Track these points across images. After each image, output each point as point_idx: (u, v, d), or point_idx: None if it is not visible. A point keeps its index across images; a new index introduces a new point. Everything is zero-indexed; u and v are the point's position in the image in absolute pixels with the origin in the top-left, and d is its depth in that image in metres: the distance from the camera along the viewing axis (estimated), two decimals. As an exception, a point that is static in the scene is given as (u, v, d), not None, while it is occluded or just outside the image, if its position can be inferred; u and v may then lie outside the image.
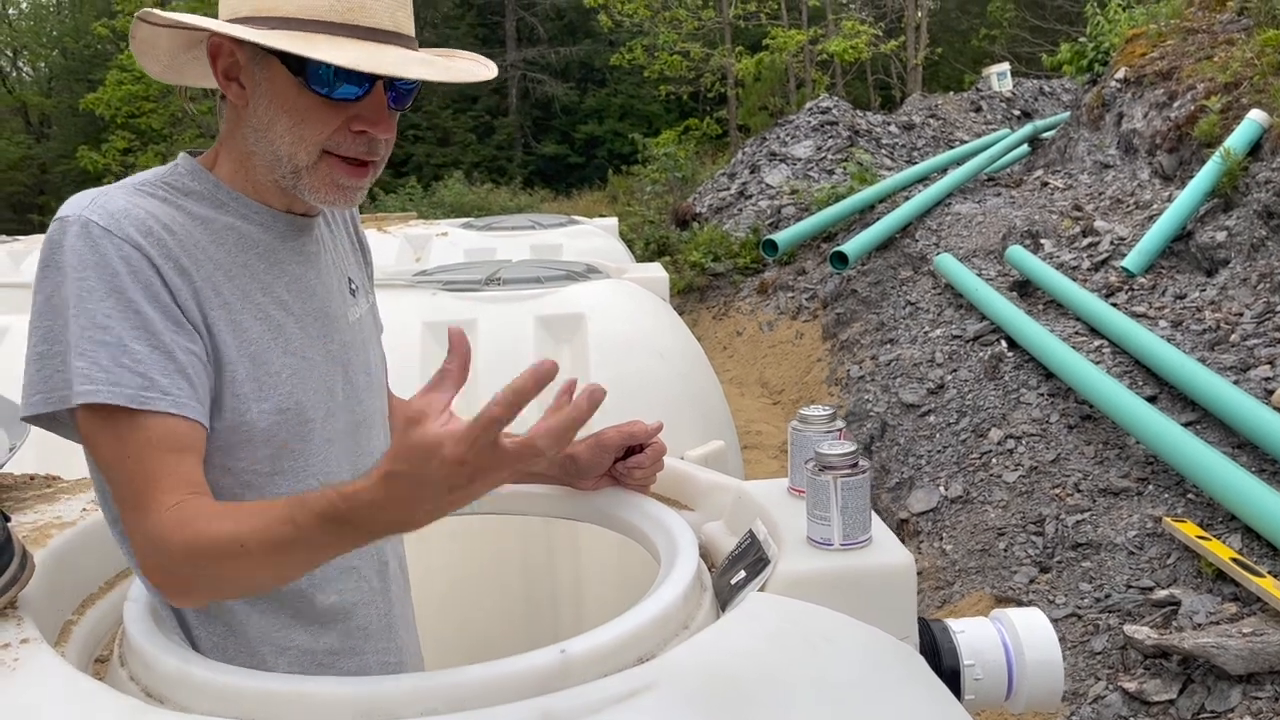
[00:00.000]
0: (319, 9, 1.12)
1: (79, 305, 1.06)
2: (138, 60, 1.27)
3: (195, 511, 1.04)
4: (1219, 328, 4.85)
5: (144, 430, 1.06)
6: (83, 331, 1.05)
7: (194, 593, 1.09)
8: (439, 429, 0.88)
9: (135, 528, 1.07)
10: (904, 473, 5.27)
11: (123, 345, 1.06)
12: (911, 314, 7.04)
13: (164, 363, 1.08)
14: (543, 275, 3.39)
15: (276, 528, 0.98)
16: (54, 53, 30.86)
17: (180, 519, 1.03)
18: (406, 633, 1.42)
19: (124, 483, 1.08)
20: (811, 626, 1.15)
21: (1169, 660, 3.22)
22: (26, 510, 1.52)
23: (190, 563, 1.03)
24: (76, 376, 1.05)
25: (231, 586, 1.09)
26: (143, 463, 1.06)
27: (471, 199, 18.78)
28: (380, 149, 1.20)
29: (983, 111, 15.06)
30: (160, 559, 1.05)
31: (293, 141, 1.15)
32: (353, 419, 1.30)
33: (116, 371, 1.05)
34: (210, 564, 1.02)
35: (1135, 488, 4.15)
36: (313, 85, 1.13)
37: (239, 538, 0.99)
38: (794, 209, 10.94)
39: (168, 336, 1.09)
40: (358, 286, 1.39)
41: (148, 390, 1.06)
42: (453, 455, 0.87)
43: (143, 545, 1.07)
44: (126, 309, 1.07)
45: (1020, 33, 24.72)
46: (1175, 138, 6.79)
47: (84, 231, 1.07)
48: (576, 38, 28.96)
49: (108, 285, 1.07)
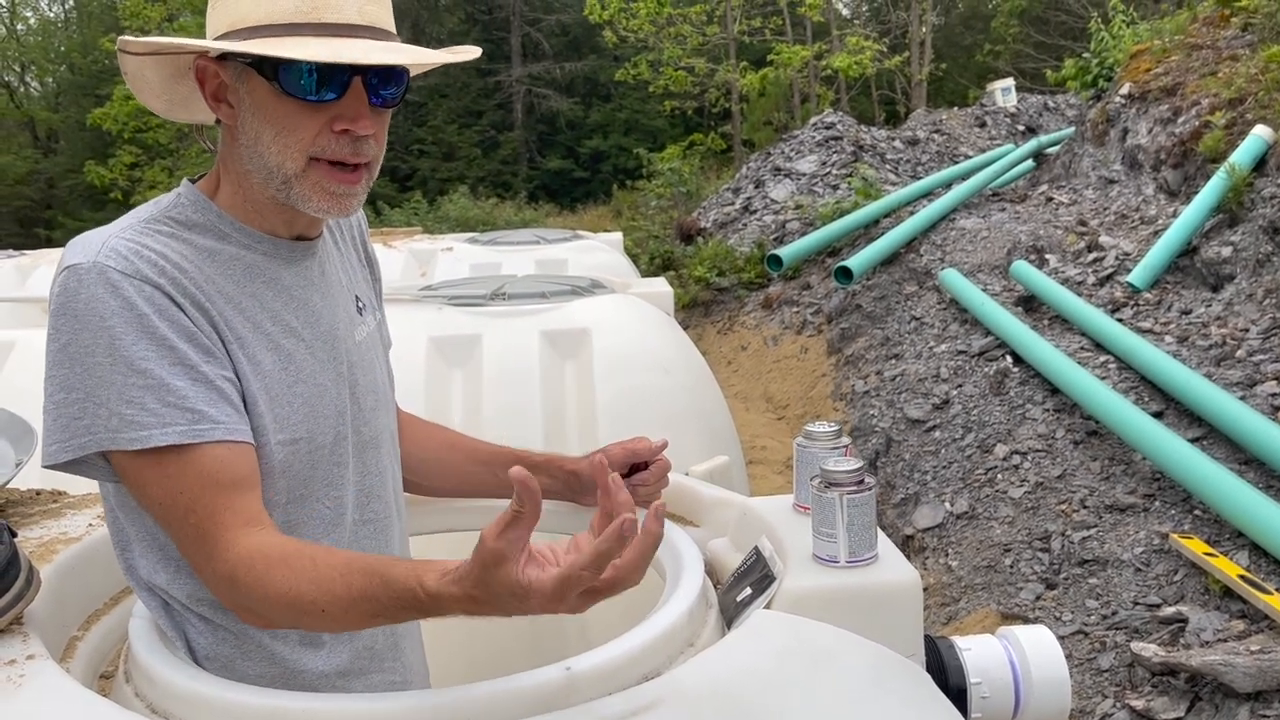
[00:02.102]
0: (284, 12, 1.12)
1: (112, 354, 1.06)
2: (139, 98, 1.27)
3: (268, 563, 1.04)
4: (1225, 343, 4.84)
5: (196, 465, 1.07)
6: (125, 379, 1.06)
7: (270, 625, 1.14)
8: (529, 577, 0.89)
9: (205, 564, 1.08)
10: (909, 488, 5.25)
11: (165, 385, 1.07)
12: (916, 329, 7.04)
13: (208, 393, 1.09)
14: (548, 290, 3.39)
15: (360, 603, 1.00)
16: (61, 68, 31.03)
17: (252, 567, 1.04)
18: (413, 652, 1.42)
19: (180, 521, 1.08)
20: (818, 644, 1.15)
21: (1176, 678, 3.20)
22: (33, 526, 1.52)
23: (267, 607, 1.05)
24: (125, 424, 1.05)
25: (305, 629, 1.14)
26: (200, 500, 1.07)
27: (476, 214, 18.80)
28: (367, 149, 1.18)
29: (987, 127, 15.07)
30: (237, 599, 1.07)
31: (279, 150, 1.15)
32: (360, 439, 1.30)
33: (164, 412, 1.06)
34: (288, 616, 1.05)
35: (1142, 504, 4.13)
36: (288, 90, 1.13)
37: (319, 604, 1.01)
38: (798, 224, 10.95)
39: (205, 367, 1.10)
40: (365, 304, 1.39)
41: (199, 424, 1.07)
42: (540, 607, 0.90)
43: (215, 584, 1.09)
44: (161, 347, 1.07)
45: (1024, 48, 24.76)
46: (1180, 153, 6.80)
47: (102, 278, 1.07)
48: (581, 53, 29.08)
49: (137, 328, 1.07)
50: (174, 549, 1.16)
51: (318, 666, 1.23)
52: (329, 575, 1.02)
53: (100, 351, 1.06)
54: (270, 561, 1.04)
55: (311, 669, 1.23)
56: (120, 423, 1.06)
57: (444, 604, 0.94)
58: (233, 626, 1.19)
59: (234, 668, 1.18)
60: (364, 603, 0.99)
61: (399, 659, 1.35)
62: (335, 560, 1.04)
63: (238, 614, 1.12)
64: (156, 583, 1.17)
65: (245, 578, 1.04)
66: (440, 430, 1.57)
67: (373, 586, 0.98)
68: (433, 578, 0.94)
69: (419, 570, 0.96)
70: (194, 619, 1.19)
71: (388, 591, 0.97)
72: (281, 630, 1.20)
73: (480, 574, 0.89)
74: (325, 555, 1.05)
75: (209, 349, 1.11)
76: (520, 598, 0.89)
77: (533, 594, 0.88)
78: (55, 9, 33.71)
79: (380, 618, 1.01)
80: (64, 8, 33.46)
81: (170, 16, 22.76)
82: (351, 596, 1.00)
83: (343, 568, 1.02)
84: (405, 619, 1.01)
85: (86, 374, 1.06)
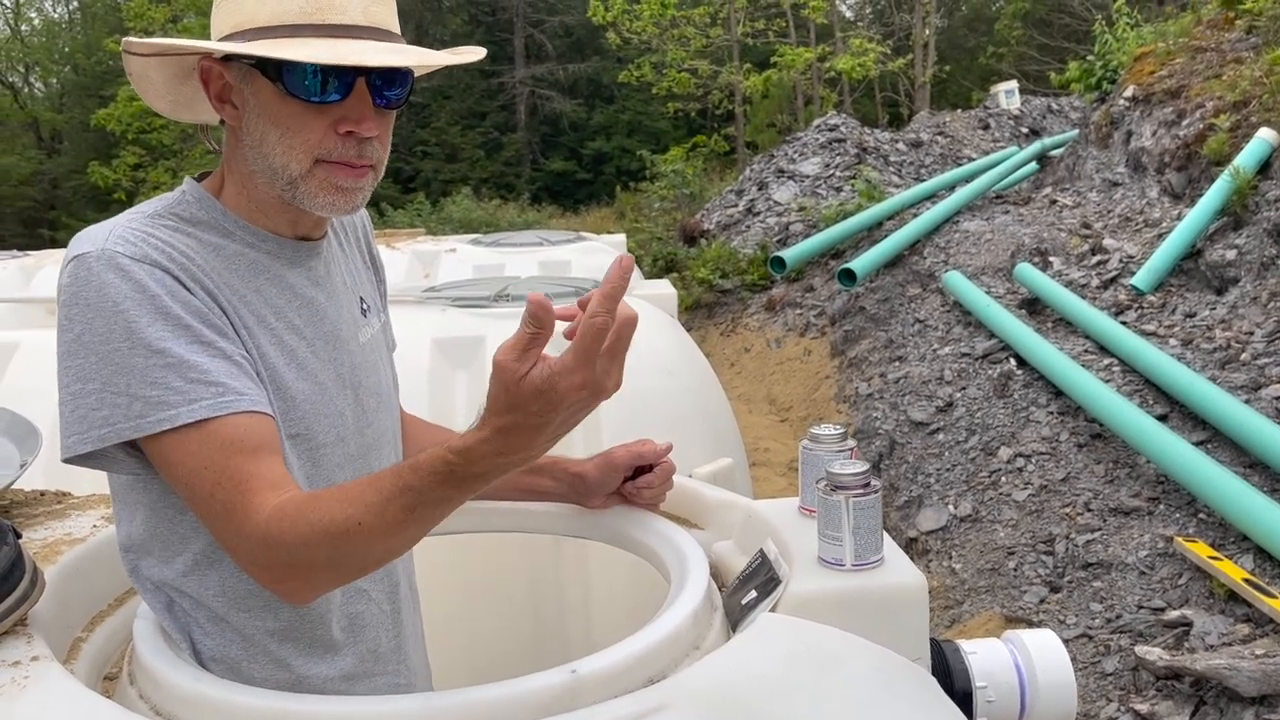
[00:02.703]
0: (288, 13, 1.12)
1: (129, 336, 1.06)
2: (144, 99, 1.28)
3: (298, 506, 1.04)
4: (1229, 346, 4.83)
5: (220, 436, 1.06)
6: (146, 361, 1.05)
7: (314, 583, 1.09)
8: (542, 372, 0.91)
9: (236, 535, 1.06)
10: (913, 491, 5.25)
11: (186, 362, 1.07)
12: (920, 331, 7.03)
13: (228, 366, 1.09)
14: (551, 292, 3.39)
15: (396, 499, 0.99)
16: (65, 69, 31.08)
17: (284, 514, 1.03)
18: (416, 654, 1.41)
19: (209, 494, 1.07)
20: (823, 647, 1.15)
21: (1181, 682, 3.19)
22: (37, 526, 1.52)
23: (308, 551, 1.03)
24: (150, 406, 1.05)
25: (348, 569, 1.09)
26: (227, 470, 1.06)
27: (480, 215, 18.81)
28: (371, 151, 1.18)
29: (991, 129, 15.07)
30: (276, 555, 1.05)
31: (284, 152, 1.15)
32: (363, 442, 1.29)
33: (188, 389, 1.06)
34: (327, 548, 1.03)
35: (1146, 507, 4.13)
36: (292, 91, 1.12)
37: (355, 517, 1.00)
38: (802, 226, 10.94)
39: (221, 343, 1.10)
40: (369, 306, 1.39)
41: (224, 396, 1.07)
42: (568, 385, 0.91)
43: (251, 549, 1.06)
44: (177, 326, 1.07)
45: (1028, 51, 24.76)
46: (1184, 156, 6.79)
47: (112, 264, 1.07)
48: (585, 55, 29.09)
49: (152, 309, 1.07)
50: (189, 544, 1.16)
51: (323, 671, 1.23)
52: (358, 489, 1.03)
53: (117, 337, 1.06)
54: (299, 504, 1.04)
55: (316, 674, 1.22)
56: (145, 406, 1.05)
57: (475, 457, 0.96)
58: (241, 629, 1.18)
59: (239, 670, 1.18)
60: (399, 496, 0.99)
61: (403, 661, 1.35)
62: (361, 479, 1.06)
63: (272, 586, 1.09)
64: (166, 579, 1.17)
65: (279, 527, 1.03)
66: (443, 432, 1.57)
67: (402, 475, 1.00)
68: (456, 439, 0.97)
69: (442, 443, 0.99)
70: (202, 619, 1.18)
71: (417, 474, 0.98)
72: (289, 634, 1.20)
73: (504, 396, 0.92)
74: (351, 483, 1.07)
75: (221, 329, 1.11)
76: (547, 393, 0.91)
77: (559, 379, 0.91)
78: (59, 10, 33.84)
79: (419, 508, 1.00)
80: (68, 9, 33.57)
81: (174, 17, 22.80)
82: (384, 497, 1.00)
83: (371, 478, 1.04)
84: (445, 498, 1.00)
85: (103, 362, 1.06)
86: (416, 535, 1.07)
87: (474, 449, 0.95)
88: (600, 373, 0.93)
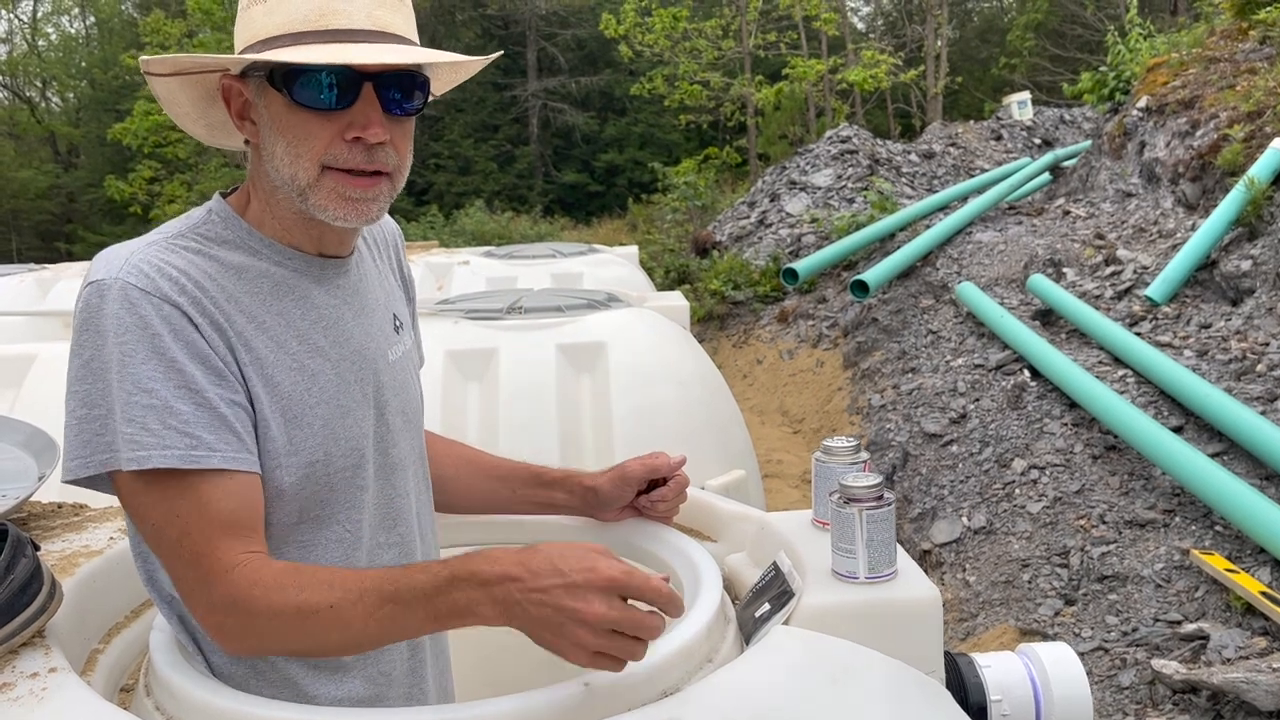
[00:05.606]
0: (293, 22, 1.13)
1: (122, 370, 1.07)
2: (181, 126, 1.29)
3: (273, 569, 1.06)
4: (1245, 357, 4.81)
5: (194, 490, 1.07)
6: (129, 397, 1.06)
7: (263, 649, 1.13)
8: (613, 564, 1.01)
9: (198, 593, 1.08)
10: (926, 503, 5.23)
11: (169, 407, 1.07)
12: (933, 343, 7.01)
13: (209, 419, 1.09)
14: (564, 304, 3.40)
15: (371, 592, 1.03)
16: (82, 83, 31.37)
17: (255, 577, 1.05)
18: (436, 678, 1.38)
19: (174, 546, 1.08)
20: (837, 660, 1.14)
21: (1198, 695, 3.17)
22: (55, 539, 1.53)
23: (273, 622, 1.05)
24: (125, 442, 1.06)
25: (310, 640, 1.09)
26: (197, 525, 1.07)
27: (492, 227, 18.87)
28: (383, 157, 1.17)
29: (1003, 140, 15.04)
30: (236, 621, 1.06)
31: (292, 160, 1.15)
32: (386, 462, 1.29)
33: (164, 434, 1.06)
34: (293, 627, 1.05)
35: (1162, 519, 4.10)
36: (299, 100, 1.13)
37: (328, 599, 1.04)
38: (814, 237, 10.95)
39: (212, 392, 1.09)
40: (402, 323, 1.39)
41: (196, 449, 1.07)
42: (577, 595, 0.99)
43: (211, 611, 1.08)
44: (169, 369, 1.08)
45: (1040, 61, 24.73)
46: (1198, 166, 6.76)
47: (122, 295, 1.08)
48: (597, 67, 29.18)
49: (149, 347, 1.07)
50: None
51: (331, 692, 1.22)
52: (342, 574, 1.07)
53: (113, 368, 1.07)
54: (279, 573, 1.06)
55: (324, 694, 1.21)
56: (121, 441, 1.06)
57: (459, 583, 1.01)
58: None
59: (248, 689, 1.17)
60: (375, 589, 1.03)
61: (418, 685, 1.33)
62: (350, 570, 1.09)
63: (228, 645, 1.10)
64: (178, 595, 1.17)
65: (249, 594, 1.04)
66: (457, 446, 1.57)
67: (391, 572, 1.04)
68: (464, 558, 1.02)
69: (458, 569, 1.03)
70: None
71: (406, 574, 1.03)
72: (298, 655, 1.19)
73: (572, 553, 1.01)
74: (340, 569, 1.09)
75: (220, 372, 1.11)
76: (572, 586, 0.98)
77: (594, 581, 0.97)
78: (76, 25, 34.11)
79: (390, 604, 1.02)
80: (85, 24, 33.86)
81: (190, 32, 22.95)
82: (363, 586, 1.03)
83: (358, 572, 1.08)
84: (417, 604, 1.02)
85: (107, 390, 1.07)
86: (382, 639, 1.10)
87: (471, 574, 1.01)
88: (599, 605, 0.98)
